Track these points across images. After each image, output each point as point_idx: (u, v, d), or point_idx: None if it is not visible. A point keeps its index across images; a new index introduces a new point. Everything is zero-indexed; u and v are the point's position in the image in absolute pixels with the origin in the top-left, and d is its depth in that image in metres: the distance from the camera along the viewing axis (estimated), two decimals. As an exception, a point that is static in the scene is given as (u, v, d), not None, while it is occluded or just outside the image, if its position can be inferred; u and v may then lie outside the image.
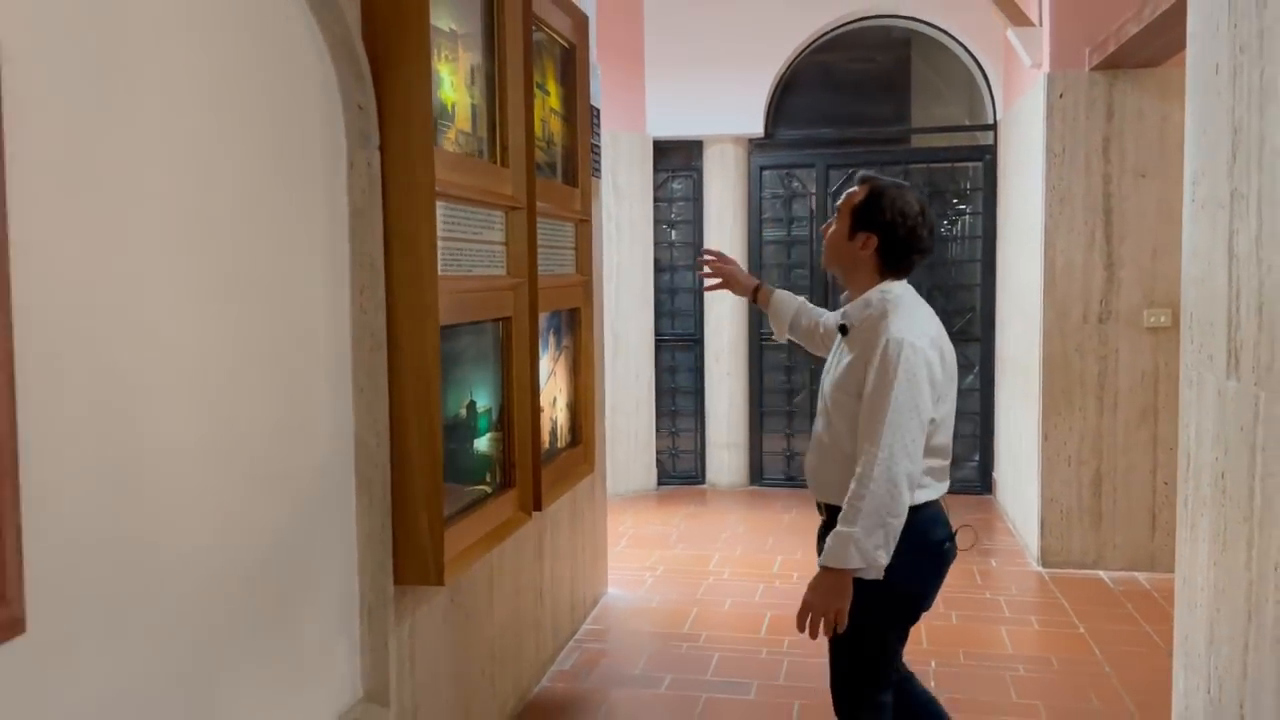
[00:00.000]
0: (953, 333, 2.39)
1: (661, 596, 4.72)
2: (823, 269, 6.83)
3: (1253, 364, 2.01)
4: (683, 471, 7.08)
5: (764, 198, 6.89)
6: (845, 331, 2.34)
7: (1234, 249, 2.10)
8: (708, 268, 2.86)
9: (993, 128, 6.52)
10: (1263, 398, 1.95)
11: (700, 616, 4.43)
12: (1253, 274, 2.00)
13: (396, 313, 2.39)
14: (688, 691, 3.64)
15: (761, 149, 6.86)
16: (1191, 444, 2.41)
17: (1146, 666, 3.76)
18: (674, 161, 6.94)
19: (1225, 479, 2.17)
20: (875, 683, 2.33)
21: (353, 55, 2.28)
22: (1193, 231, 2.40)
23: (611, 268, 6.40)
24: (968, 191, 6.72)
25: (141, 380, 1.68)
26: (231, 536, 1.93)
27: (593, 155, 4.11)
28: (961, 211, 6.76)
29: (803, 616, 2.21)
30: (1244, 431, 2.05)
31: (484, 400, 2.89)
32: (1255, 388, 1.99)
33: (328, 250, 2.28)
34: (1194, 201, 2.39)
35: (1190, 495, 2.43)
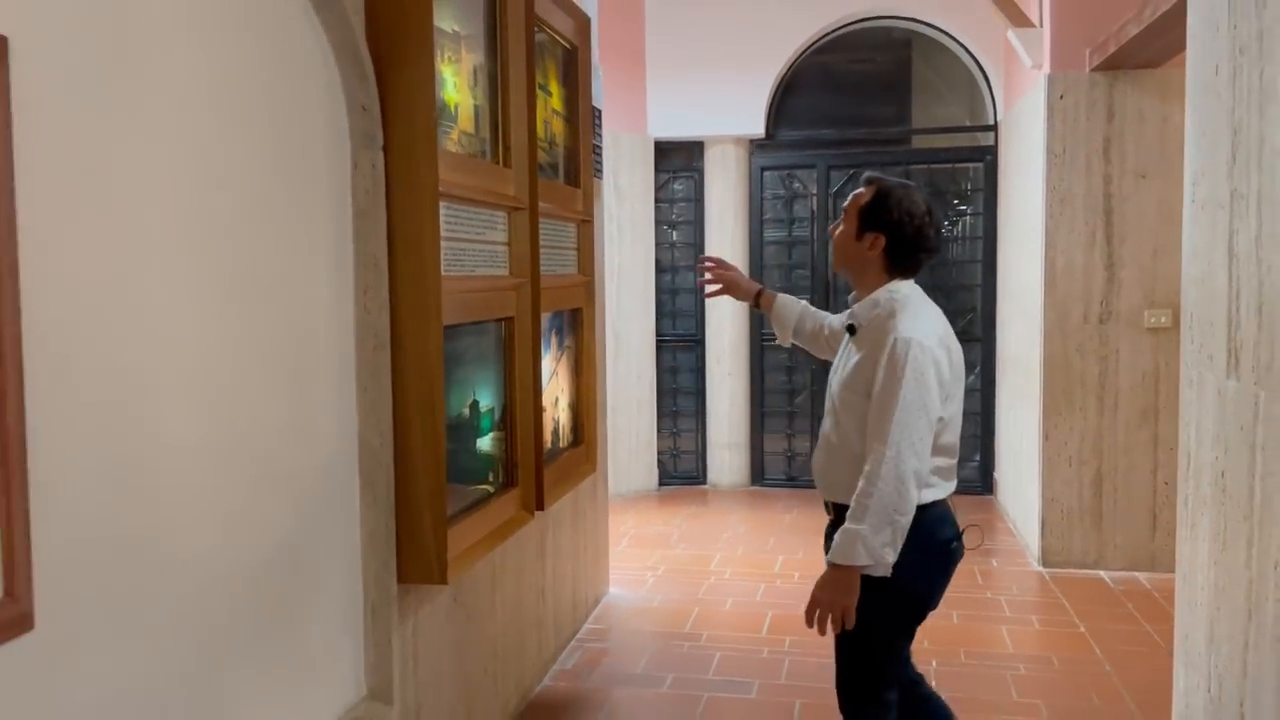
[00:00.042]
0: (954, 333, 2.40)
1: (663, 596, 4.73)
2: (832, 270, 6.87)
3: (1253, 363, 2.02)
4: (684, 472, 7.09)
5: (765, 198, 6.90)
6: (853, 331, 2.35)
7: (1234, 249, 2.11)
8: (708, 274, 2.87)
9: (993, 128, 6.53)
10: (1262, 397, 1.96)
11: (702, 616, 4.44)
12: (1253, 274, 2.01)
13: (400, 313, 2.40)
14: (689, 691, 3.65)
15: (762, 150, 6.87)
16: (1192, 443, 2.42)
17: (1147, 666, 3.77)
18: (675, 162, 6.95)
19: (1225, 478, 2.18)
20: (881, 680, 2.34)
21: (357, 56, 2.29)
22: (1193, 232, 2.41)
23: (613, 268, 6.41)
24: (968, 192, 6.73)
25: (147, 379, 1.69)
26: (236, 535, 1.94)
27: (594, 156, 4.12)
28: (962, 212, 6.76)
29: (810, 613, 2.23)
30: (1244, 431, 2.06)
31: (487, 400, 2.90)
32: (1255, 387, 2.00)
33: (332, 250, 2.29)
34: (1194, 202, 2.40)
35: (1190, 494, 2.44)
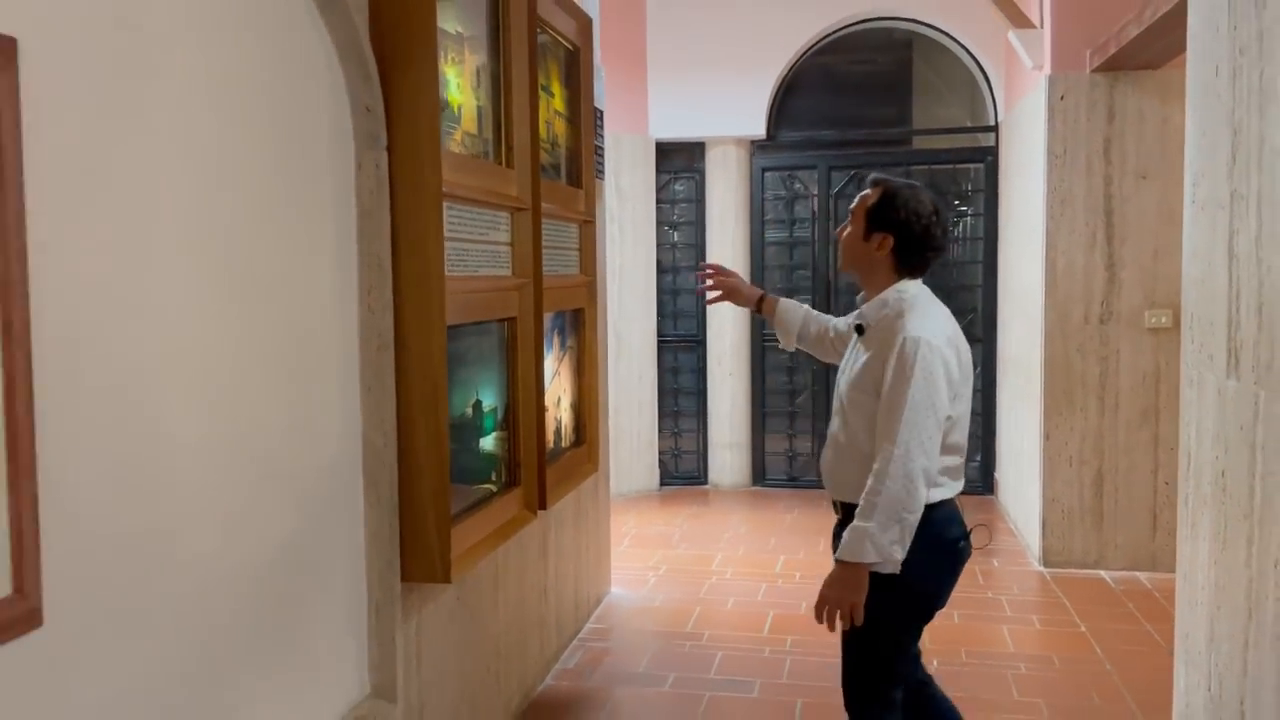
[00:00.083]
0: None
1: (664, 596, 4.74)
2: (833, 271, 6.88)
3: (1252, 363, 2.02)
4: (685, 472, 7.10)
5: (766, 199, 6.91)
6: (861, 331, 2.37)
7: (1234, 249, 2.12)
8: (709, 280, 2.87)
9: (994, 129, 6.54)
10: (1262, 397, 1.97)
11: (703, 616, 4.45)
12: (1253, 274, 2.02)
13: (404, 313, 2.41)
14: (691, 690, 3.66)
15: (763, 151, 6.88)
16: (1192, 443, 2.43)
17: (1148, 665, 3.77)
18: (676, 163, 6.96)
19: (1225, 477, 2.19)
20: (886, 679, 2.36)
21: (361, 58, 2.30)
22: (1193, 232, 2.42)
23: (614, 269, 6.42)
24: (969, 193, 6.74)
25: (153, 378, 1.70)
26: (241, 533, 1.95)
27: (596, 157, 4.13)
28: (963, 213, 6.77)
29: (820, 609, 2.25)
30: (1244, 430, 2.07)
31: (490, 400, 2.91)
32: (1255, 387, 2.01)
33: (336, 250, 2.30)
34: (1194, 202, 2.41)
35: (1191, 494, 2.45)
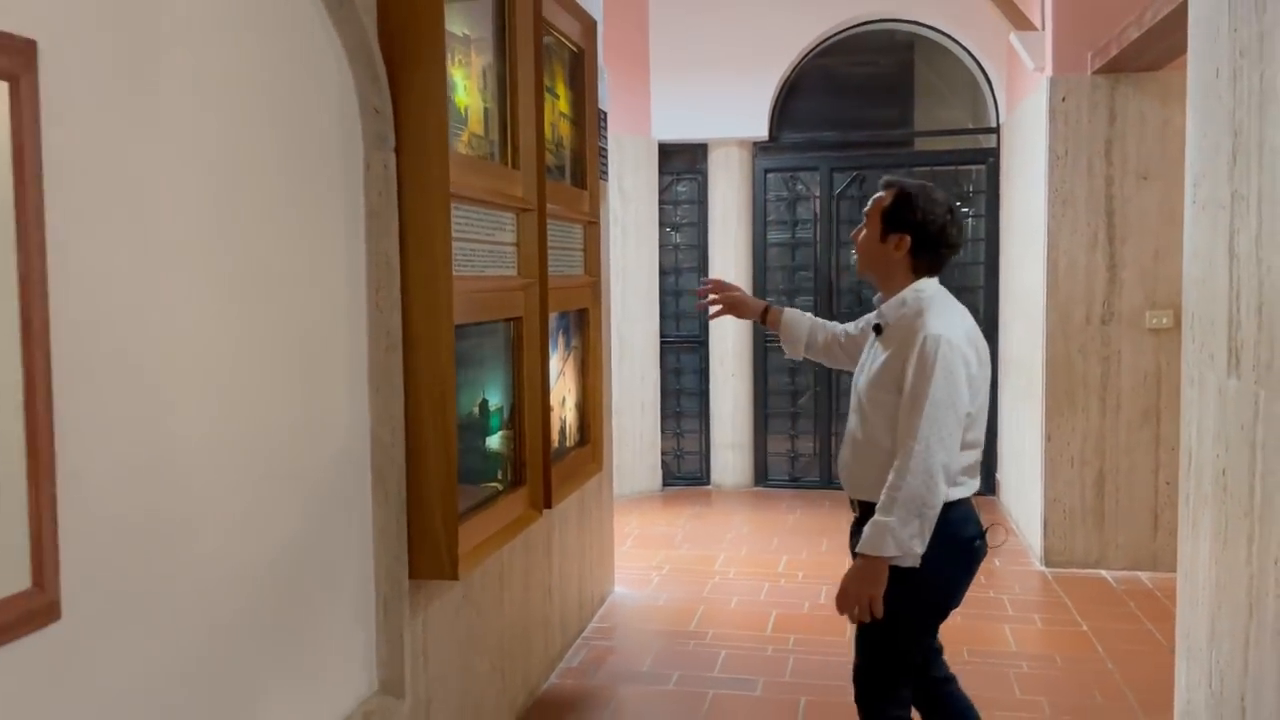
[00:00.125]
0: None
1: (668, 595, 4.76)
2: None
3: (1253, 363, 2.04)
4: (687, 472, 7.12)
5: (768, 200, 6.93)
6: (879, 331, 2.40)
7: (1234, 249, 2.14)
8: (711, 294, 2.88)
9: (995, 131, 6.57)
10: (1263, 396, 1.99)
11: (706, 615, 4.47)
12: (1253, 274, 2.04)
13: (412, 312, 2.43)
14: (695, 688, 3.68)
15: (766, 152, 6.91)
16: (1193, 442, 2.45)
17: (1149, 664, 3.79)
18: (679, 164, 6.98)
19: (1226, 476, 2.21)
20: (899, 674, 2.39)
21: (370, 59, 2.32)
22: (1194, 232, 2.44)
23: (617, 270, 6.43)
24: (970, 194, 6.76)
25: (166, 376, 1.72)
26: (251, 529, 1.97)
27: (600, 158, 4.15)
28: (964, 214, 6.79)
29: (841, 602, 2.29)
30: (1244, 429, 2.09)
31: (495, 399, 2.93)
32: (1255, 386, 2.03)
33: (344, 250, 2.33)
34: (1195, 203, 2.43)
35: (1192, 492, 2.47)
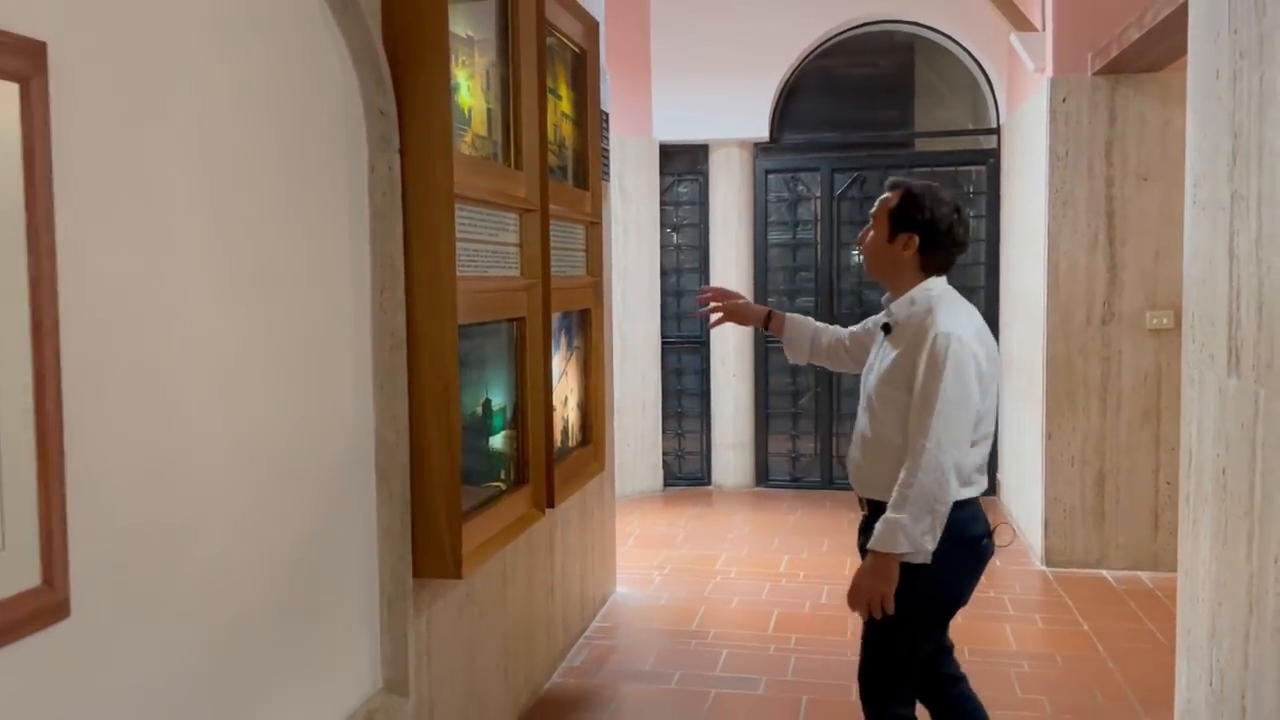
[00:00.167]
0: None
1: (670, 595, 4.77)
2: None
3: (1253, 362, 2.06)
4: (689, 473, 7.13)
5: (769, 201, 6.95)
6: (889, 330, 2.41)
7: (1234, 250, 2.15)
8: (712, 303, 2.88)
9: (996, 132, 6.58)
10: (1262, 395, 2.00)
11: (708, 614, 4.48)
12: (1253, 274, 2.05)
13: (416, 312, 2.45)
14: (697, 687, 3.69)
15: (767, 153, 6.92)
16: (1193, 441, 2.46)
17: (1150, 663, 3.80)
18: (680, 165, 7.00)
19: (1226, 475, 2.22)
20: (904, 672, 2.41)
21: (374, 61, 2.33)
22: (1194, 233, 2.45)
23: (619, 271, 6.45)
24: (971, 195, 6.77)
25: (173, 376, 1.73)
26: (257, 529, 1.98)
27: (602, 159, 4.16)
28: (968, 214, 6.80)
29: (853, 598, 2.31)
30: (1244, 428, 2.10)
31: (499, 399, 2.94)
32: (1255, 385, 2.04)
33: (349, 251, 2.34)
34: (1195, 204, 2.44)
35: (1192, 491, 2.48)
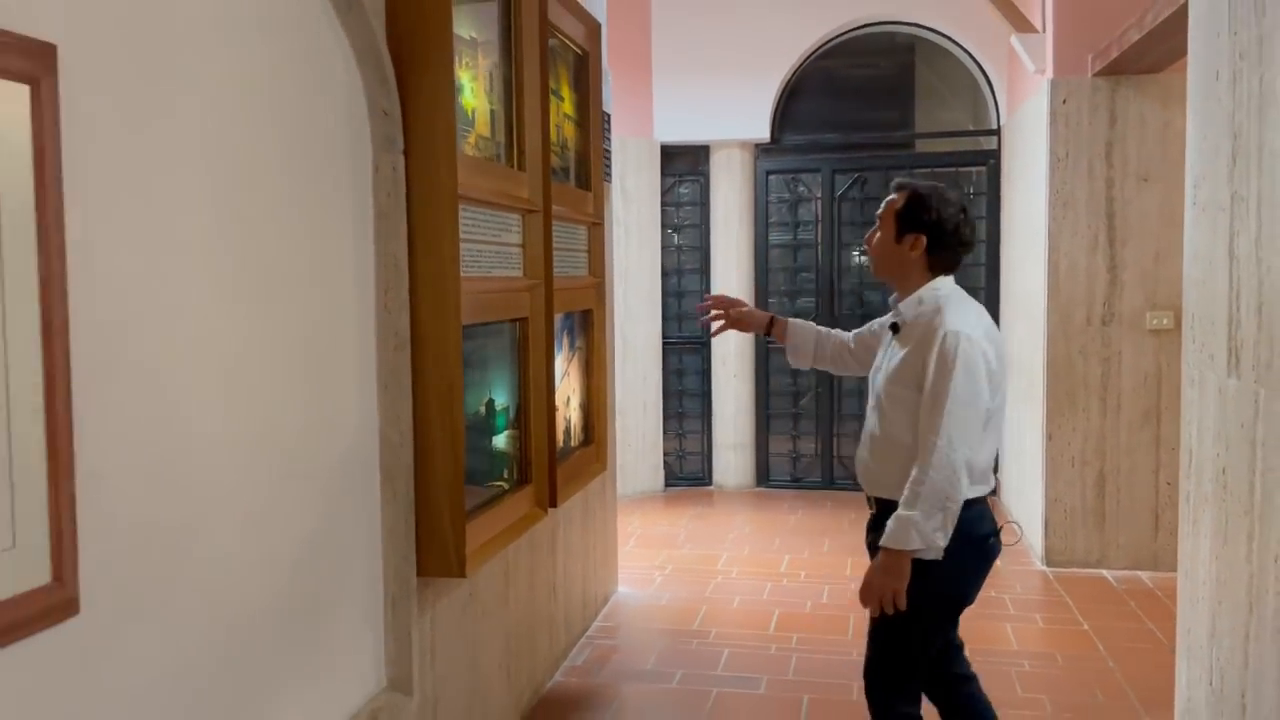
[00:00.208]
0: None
1: (671, 594, 4.78)
2: (836, 273, 6.92)
3: (1253, 362, 2.07)
4: (690, 473, 7.14)
5: (770, 202, 6.96)
6: (897, 329, 2.42)
7: (1234, 251, 2.16)
8: (714, 310, 2.87)
9: (996, 133, 6.59)
10: (1262, 395, 2.01)
11: (709, 614, 4.49)
12: (1252, 275, 2.06)
13: (420, 312, 2.46)
14: (698, 686, 3.70)
15: (768, 154, 6.93)
16: (1193, 441, 2.47)
17: (1150, 662, 3.81)
18: (681, 166, 7.01)
19: (1226, 474, 2.23)
20: (910, 670, 2.42)
21: (378, 62, 2.35)
22: (1194, 234, 2.46)
23: (620, 271, 6.46)
24: (971, 196, 6.78)
25: (179, 376, 1.74)
26: (262, 528, 1.99)
27: (604, 160, 4.17)
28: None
29: (864, 595, 2.32)
30: (1244, 428, 2.11)
31: (502, 399, 2.95)
32: (1255, 385, 2.05)
33: (353, 251, 2.35)
34: (1195, 205, 2.45)
35: (1192, 491, 2.49)
